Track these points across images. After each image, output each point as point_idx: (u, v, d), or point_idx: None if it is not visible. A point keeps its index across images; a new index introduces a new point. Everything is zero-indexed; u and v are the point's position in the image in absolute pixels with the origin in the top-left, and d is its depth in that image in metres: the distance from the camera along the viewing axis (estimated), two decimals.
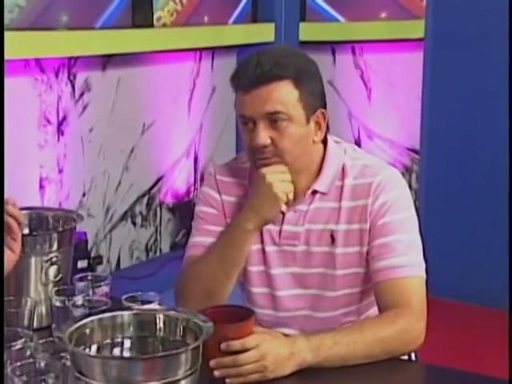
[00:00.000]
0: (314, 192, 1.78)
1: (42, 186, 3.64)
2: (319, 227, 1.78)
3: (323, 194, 1.78)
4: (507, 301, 3.60)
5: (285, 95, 1.68)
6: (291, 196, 1.72)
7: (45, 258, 1.76)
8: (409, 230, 1.73)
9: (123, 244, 4.13)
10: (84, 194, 3.87)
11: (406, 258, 1.70)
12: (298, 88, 1.69)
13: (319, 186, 1.78)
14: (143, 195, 4.22)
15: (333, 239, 1.77)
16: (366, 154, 1.85)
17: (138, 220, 4.21)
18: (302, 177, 1.77)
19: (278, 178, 1.70)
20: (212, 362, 1.50)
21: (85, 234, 3.75)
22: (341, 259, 1.77)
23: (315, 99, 1.73)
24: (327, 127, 1.79)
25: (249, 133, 1.72)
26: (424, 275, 1.72)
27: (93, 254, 3.94)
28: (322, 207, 1.78)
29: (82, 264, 3.67)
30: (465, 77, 3.93)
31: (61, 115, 3.70)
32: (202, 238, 1.84)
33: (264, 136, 1.69)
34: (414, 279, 1.69)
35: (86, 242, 3.75)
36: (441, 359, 1.79)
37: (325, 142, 1.81)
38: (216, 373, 1.50)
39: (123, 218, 4.13)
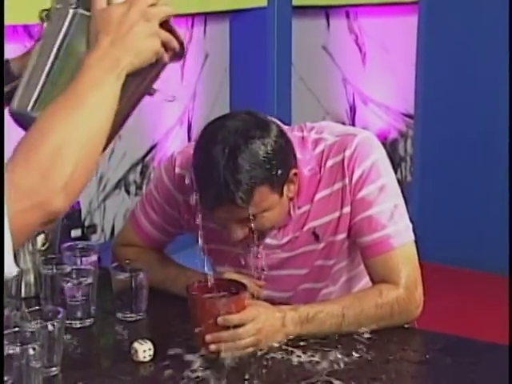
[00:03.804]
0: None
1: None
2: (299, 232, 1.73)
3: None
4: (507, 266, 3.59)
5: (257, 199, 1.56)
6: None
7: None
8: (389, 197, 1.66)
9: (117, 213, 4.10)
10: None
11: (390, 228, 1.64)
12: (268, 181, 1.56)
13: (300, 202, 1.70)
14: (137, 164, 4.19)
15: (316, 236, 1.72)
16: (327, 129, 1.72)
17: (132, 189, 4.19)
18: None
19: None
20: (208, 337, 1.48)
21: (78, 203, 3.73)
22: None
23: (284, 170, 1.59)
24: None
25: (222, 221, 1.63)
26: (412, 237, 1.67)
27: (87, 223, 3.93)
28: (302, 212, 1.72)
29: (75, 233, 3.65)
30: (459, 40, 3.89)
31: None
32: (145, 222, 1.84)
33: (240, 233, 1.61)
34: (402, 248, 1.64)
35: (80, 211, 3.73)
36: (439, 326, 1.75)
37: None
38: (212, 346, 1.48)
39: (117, 186, 4.10)
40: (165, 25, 1.14)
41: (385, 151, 1.71)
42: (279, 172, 1.57)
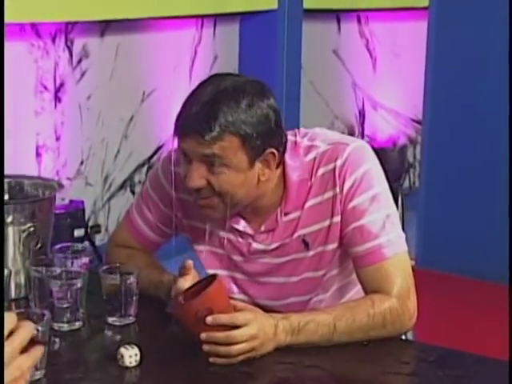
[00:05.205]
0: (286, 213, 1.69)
1: (38, 154, 3.60)
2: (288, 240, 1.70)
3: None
4: (507, 274, 3.55)
5: (225, 144, 1.54)
6: None
7: (23, 228, 1.72)
8: (381, 207, 1.63)
9: (122, 213, 4.05)
10: (82, 162, 3.84)
11: (382, 238, 1.61)
12: (241, 136, 1.54)
13: (288, 208, 1.67)
14: (143, 164, 4.18)
15: (306, 244, 1.69)
16: (320, 136, 1.69)
17: (138, 189, 4.18)
18: (269, 206, 1.68)
19: None
20: (203, 335, 1.45)
21: (82, 202, 3.72)
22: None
23: (262, 141, 1.56)
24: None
25: (186, 165, 1.60)
26: (405, 248, 1.65)
27: (91, 223, 3.92)
28: (292, 219, 1.69)
29: (78, 233, 3.65)
30: (469, 46, 3.86)
31: (58, 82, 3.65)
32: (139, 221, 1.83)
33: (197, 178, 1.57)
34: (395, 258, 1.61)
35: (83, 210, 3.72)
36: (442, 336, 1.72)
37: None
38: (205, 347, 1.46)
39: (122, 186, 4.09)
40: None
41: (378, 161, 1.69)
42: (255, 135, 1.55)
